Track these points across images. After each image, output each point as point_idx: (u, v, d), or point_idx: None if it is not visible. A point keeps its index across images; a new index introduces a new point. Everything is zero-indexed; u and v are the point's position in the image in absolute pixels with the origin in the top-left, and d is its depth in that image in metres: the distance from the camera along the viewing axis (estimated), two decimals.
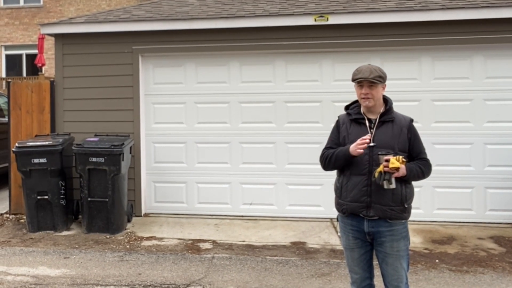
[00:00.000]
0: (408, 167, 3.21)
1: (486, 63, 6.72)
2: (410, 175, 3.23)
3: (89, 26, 7.28)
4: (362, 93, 3.29)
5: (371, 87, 3.26)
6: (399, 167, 3.10)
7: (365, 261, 3.39)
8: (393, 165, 3.09)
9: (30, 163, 6.45)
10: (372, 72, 3.26)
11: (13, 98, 7.52)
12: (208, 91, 7.29)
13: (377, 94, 3.29)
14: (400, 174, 3.16)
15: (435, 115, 6.79)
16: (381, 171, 3.12)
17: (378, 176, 3.14)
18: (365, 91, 3.27)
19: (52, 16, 20.12)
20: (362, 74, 3.27)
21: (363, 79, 3.25)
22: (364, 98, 3.29)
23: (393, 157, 3.11)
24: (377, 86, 3.27)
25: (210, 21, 6.99)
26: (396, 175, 3.14)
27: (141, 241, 6.16)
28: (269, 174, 7.17)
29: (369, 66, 3.33)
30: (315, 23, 6.75)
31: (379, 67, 3.35)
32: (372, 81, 3.24)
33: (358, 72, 3.31)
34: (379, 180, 3.14)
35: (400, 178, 3.18)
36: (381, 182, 3.14)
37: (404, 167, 3.16)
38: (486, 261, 5.34)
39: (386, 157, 3.12)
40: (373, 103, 3.29)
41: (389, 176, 3.12)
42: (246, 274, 5.04)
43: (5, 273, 5.11)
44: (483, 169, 6.74)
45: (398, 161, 3.10)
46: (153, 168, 7.43)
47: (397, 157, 3.12)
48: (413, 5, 6.74)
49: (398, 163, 3.09)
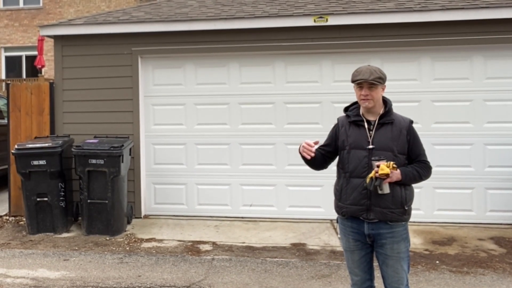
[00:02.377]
0: (403, 172, 3.19)
1: (486, 63, 6.72)
2: (406, 179, 3.21)
3: (88, 27, 7.28)
4: (361, 95, 3.27)
5: (371, 89, 3.24)
6: (388, 173, 3.08)
7: (365, 263, 3.38)
8: (382, 171, 3.08)
9: (30, 165, 6.44)
10: (372, 73, 3.23)
11: (13, 100, 7.51)
12: (207, 92, 7.28)
13: (377, 95, 3.27)
14: (394, 179, 3.15)
15: (435, 115, 6.78)
16: (372, 177, 3.12)
17: (369, 182, 3.14)
18: (365, 92, 3.25)
19: (52, 17, 20.12)
20: (362, 75, 3.25)
21: (363, 81, 3.23)
22: (363, 100, 3.27)
23: (384, 163, 3.10)
24: (377, 87, 3.25)
25: (209, 22, 6.99)
26: (389, 181, 3.13)
27: (141, 243, 6.15)
28: (269, 175, 7.16)
29: (369, 67, 3.31)
30: (315, 24, 6.74)
31: (379, 68, 3.32)
32: (372, 83, 3.22)
33: (358, 74, 3.28)
34: (369, 186, 3.14)
35: (396, 182, 3.18)
36: (371, 188, 3.14)
37: (398, 172, 3.15)
38: (486, 262, 5.33)
39: (377, 163, 3.12)
40: (372, 104, 3.27)
41: (379, 181, 3.11)
42: (246, 276, 5.02)
43: (4, 275, 5.10)
44: (483, 169, 6.73)
45: (389, 167, 3.09)
46: (153, 170, 7.42)
47: (387, 163, 3.11)
48: (413, 6, 6.73)
49: (387, 169, 3.08)
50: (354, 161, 3.27)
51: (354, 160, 3.27)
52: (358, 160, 3.25)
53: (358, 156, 3.26)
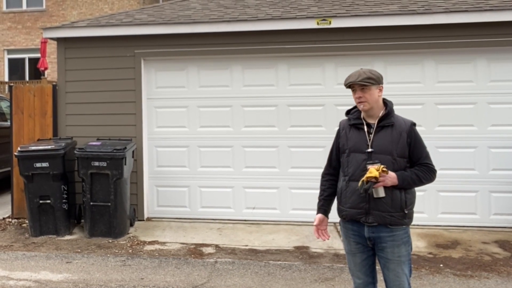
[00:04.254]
0: (400, 176, 3.16)
1: (490, 66, 6.70)
2: (404, 183, 3.17)
3: (91, 30, 7.28)
4: (355, 97, 3.29)
5: (363, 90, 3.23)
6: (376, 176, 3.05)
7: (367, 266, 3.36)
8: (370, 174, 3.06)
9: (33, 167, 6.44)
10: (360, 75, 3.24)
11: (16, 102, 7.52)
12: (210, 95, 7.27)
13: (371, 97, 3.24)
14: (389, 183, 3.12)
15: (439, 118, 6.76)
16: (363, 180, 3.10)
17: (360, 185, 3.12)
18: (358, 94, 3.25)
19: (55, 20, 20.18)
20: (350, 78, 3.27)
21: (352, 83, 3.25)
22: (359, 102, 3.28)
23: (374, 167, 3.08)
24: (370, 88, 3.23)
25: (212, 25, 6.99)
26: (382, 185, 3.10)
27: (143, 246, 6.14)
28: (272, 178, 7.15)
29: (359, 70, 3.32)
30: (318, 26, 6.74)
31: (370, 70, 3.32)
32: (362, 84, 3.21)
33: (348, 77, 3.31)
34: (360, 189, 3.12)
35: (395, 186, 3.15)
36: (362, 191, 3.12)
37: (394, 176, 3.12)
38: (490, 266, 5.30)
39: (369, 166, 3.10)
40: (368, 106, 3.25)
41: (370, 185, 3.08)
42: (249, 279, 5.01)
43: (7, 277, 5.09)
44: (487, 173, 6.70)
45: (378, 170, 3.06)
46: (156, 172, 7.41)
47: (377, 166, 3.08)
48: (416, 9, 6.72)
49: (376, 173, 3.05)
50: (353, 165, 3.26)
51: (354, 163, 3.26)
52: (357, 164, 3.24)
53: (357, 160, 3.25)
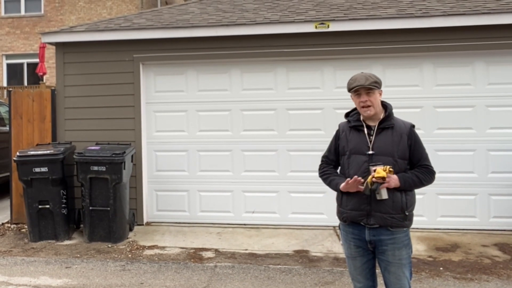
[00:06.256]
0: (402, 177, 3.18)
1: (488, 69, 6.71)
2: (405, 185, 3.19)
3: (90, 34, 7.29)
4: (361, 101, 3.27)
5: (369, 94, 3.24)
6: (384, 176, 3.07)
7: (367, 269, 3.37)
8: (378, 174, 3.07)
9: (32, 172, 6.43)
10: (368, 79, 3.25)
11: (14, 107, 7.52)
12: (209, 99, 7.28)
13: (376, 101, 3.27)
14: (393, 185, 3.13)
15: (437, 121, 6.77)
16: (368, 182, 3.11)
17: (365, 187, 3.13)
18: (364, 98, 3.25)
19: (53, 25, 20.17)
20: (358, 82, 3.26)
21: (360, 86, 3.23)
22: (364, 107, 3.26)
23: (380, 167, 3.09)
24: (374, 92, 3.25)
25: (211, 29, 7.00)
26: (387, 186, 3.12)
27: (143, 250, 6.13)
28: (271, 182, 7.15)
29: (363, 74, 3.33)
30: (316, 30, 6.75)
31: (373, 74, 3.34)
32: (370, 87, 3.22)
33: (354, 81, 3.29)
34: (366, 190, 3.13)
35: (396, 188, 3.16)
36: (367, 192, 3.13)
37: (396, 178, 3.14)
38: (490, 269, 5.30)
39: (374, 168, 3.11)
40: (373, 111, 3.27)
41: (376, 186, 3.10)
42: (249, 283, 5.00)
43: (6, 283, 5.07)
44: (487, 175, 6.71)
45: (385, 170, 3.08)
46: (155, 177, 7.41)
47: (384, 167, 3.10)
48: (414, 12, 6.74)
49: (384, 173, 3.07)
50: (354, 167, 3.27)
51: (354, 165, 3.27)
52: (358, 166, 3.24)
53: (358, 162, 3.26)
